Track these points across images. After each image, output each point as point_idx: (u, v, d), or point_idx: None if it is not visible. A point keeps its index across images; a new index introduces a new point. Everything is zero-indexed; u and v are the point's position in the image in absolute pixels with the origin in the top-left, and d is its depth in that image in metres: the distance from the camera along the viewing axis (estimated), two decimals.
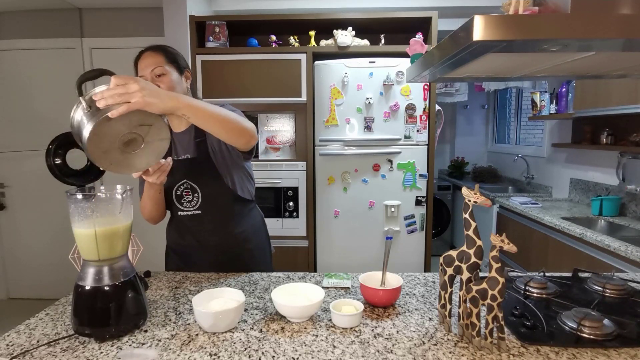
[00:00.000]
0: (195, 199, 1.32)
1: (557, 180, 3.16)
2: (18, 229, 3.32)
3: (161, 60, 1.25)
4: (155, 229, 2.15)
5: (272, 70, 2.66)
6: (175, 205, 1.34)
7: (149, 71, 1.23)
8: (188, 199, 1.33)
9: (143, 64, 1.24)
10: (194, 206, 1.33)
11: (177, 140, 1.35)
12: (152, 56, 1.25)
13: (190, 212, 1.34)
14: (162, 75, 1.24)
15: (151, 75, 1.23)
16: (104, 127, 0.87)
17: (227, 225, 1.37)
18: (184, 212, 1.34)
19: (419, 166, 2.65)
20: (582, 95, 2.42)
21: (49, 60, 3.16)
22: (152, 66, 1.23)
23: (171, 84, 1.25)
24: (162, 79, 1.24)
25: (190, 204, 1.33)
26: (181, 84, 1.29)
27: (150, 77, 1.23)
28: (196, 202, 1.32)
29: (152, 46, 1.29)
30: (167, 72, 1.24)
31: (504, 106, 4.46)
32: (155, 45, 1.30)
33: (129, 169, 0.98)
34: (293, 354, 0.84)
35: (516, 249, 0.81)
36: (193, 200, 1.32)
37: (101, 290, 0.90)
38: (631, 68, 1.05)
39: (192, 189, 1.32)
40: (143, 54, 1.27)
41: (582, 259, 2.00)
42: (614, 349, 0.84)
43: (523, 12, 0.74)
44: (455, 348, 0.85)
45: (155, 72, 1.23)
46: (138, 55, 1.28)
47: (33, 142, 3.15)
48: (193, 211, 1.33)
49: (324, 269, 2.76)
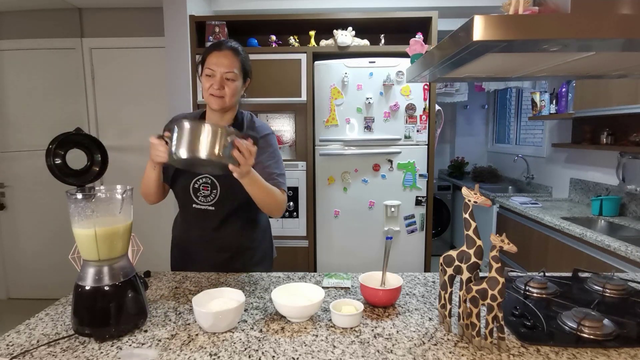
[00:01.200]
0: (213, 195, 1.32)
1: (557, 180, 3.16)
2: (18, 229, 3.32)
3: (237, 66, 1.26)
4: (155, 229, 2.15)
5: (272, 70, 2.66)
6: (191, 197, 1.33)
7: (222, 71, 1.24)
8: (205, 194, 1.32)
9: (219, 61, 1.24)
10: (209, 201, 1.33)
11: None
12: (231, 58, 1.25)
13: (204, 207, 1.34)
14: (231, 81, 1.26)
15: (222, 75, 1.24)
16: (214, 159, 1.02)
17: (236, 224, 1.37)
18: (198, 205, 1.34)
19: (419, 166, 2.65)
20: (582, 95, 2.42)
21: (49, 60, 3.16)
22: (227, 69, 1.24)
23: (235, 90, 1.28)
24: (229, 83, 1.26)
25: (207, 199, 1.33)
26: (240, 91, 1.32)
27: (220, 76, 1.24)
28: (213, 197, 1.32)
29: (232, 46, 1.28)
30: (236, 79, 1.27)
31: (504, 106, 4.46)
32: (236, 47, 1.28)
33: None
34: (293, 354, 0.84)
35: (516, 249, 0.81)
36: (210, 196, 1.32)
37: (101, 290, 0.90)
38: (631, 68, 1.05)
39: (211, 185, 1.32)
40: (222, 50, 1.25)
41: (582, 259, 1.99)
42: (614, 349, 0.84)
43: (523, 12, 0.74)
44: (455, 348, 0.85)
45: (227, 75, 1.24)
46: (216, 45, 1.26)
47: (33, 142, 3.15)
48: (207, 206, 1.34)
49: (324, 269, 2.76)
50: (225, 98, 1.27)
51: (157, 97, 3.12)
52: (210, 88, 1.25)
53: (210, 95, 1.27)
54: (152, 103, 3.14)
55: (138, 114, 3.19)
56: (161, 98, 3.04)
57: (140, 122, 3.19)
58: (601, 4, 0.73)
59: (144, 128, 3.19)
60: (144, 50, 3.13)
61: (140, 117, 3.19)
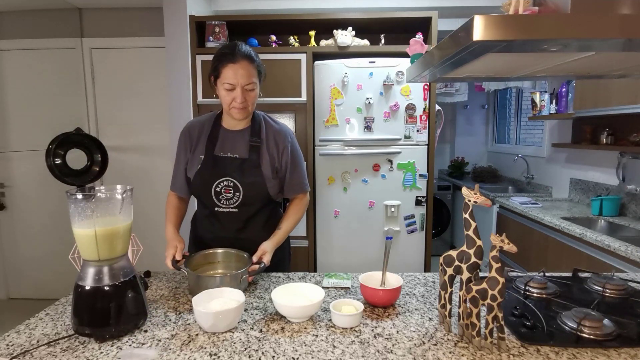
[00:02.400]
0: (236, 197, 1.32)
1: (557, 180, 3.16)
2: (18, 229, 3.31)
3: (254, 74, 1.27)
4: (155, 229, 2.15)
5: (272, 70, 2.65)
6: (214, 200, 1.33)
7: (242, 84, 1.23)
8: (227, 197, 1.32)
9: (238, 72, 1.22)
10: (232, 204, 1.33)
11: (228, 138, 1.36)
12: (248, 68, 1.24)
13: (227, 209, 1.34)
14: (252, 91, 1.27)
15: (242, 88, 1.24)
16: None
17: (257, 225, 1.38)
18: (221, 208, 1.34)
19: (419, 166, 2.65)
20: (582, 95, 2.41)
21: (49, 60, 3.16)
22: (247, 81, 1.24)
23: (255, 98, 1.30)
24: (250, 94, 1.27)
25: (229, 202, 1.33)
26: (258, 95, 1.33)
27: (240, 89, 1.24)
28: (236, 200, 1.32)
29: (248, 55, 1.26)
30: (256, 88, 1.28)
31: (504, 106, 4.46)
32: (250, 55, 1.27)
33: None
34: (293, 354, 0.84)
35: (516, 249, 0.81)
36: (233, 198, 1.32)
37: (101, 290, 0.90)
38: (631, 68, 1.05)
39: (234, 187, 1.31)
40: (239, 61, 1.23)
41: (582, 259, 1.99)
42: (614, 349, 0.84)
43: (523, 12, 0.74)
44: (455, 348, 0.85)
45: (247, 87, 1.25)
46: (229, 56, 1.23)
47: (33, 142, 3.15)
48: (230, 209, 1.34)
49: (324, 269, 2.76)
50: (249, 108, 1.29)
51: (157, 97, 3.12)
52: (233, 102, 1.26)
53: (232, 108, 1.28)
54: (152, 103, 3.14)
55: (138, 114, 3.19)
56: (161, 98, 3.04)
57: (140, 122, 3.19)
58: (601, 4, 0.73)
59: (144, 128, 3.19)
60: (144, 50, 3.13)
61: (140, 117, 3.19)
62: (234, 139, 1.35)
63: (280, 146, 1.36)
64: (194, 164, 1.35)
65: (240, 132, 1.36)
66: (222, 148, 1.35)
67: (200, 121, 1.41)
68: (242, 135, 1.36)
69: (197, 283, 1.12)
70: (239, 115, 1.29)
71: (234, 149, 1.34)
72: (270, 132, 1.38)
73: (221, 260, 1.30)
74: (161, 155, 3.16)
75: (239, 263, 1.26)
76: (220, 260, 1.30)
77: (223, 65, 1.24)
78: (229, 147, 1.35)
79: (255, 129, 1.36)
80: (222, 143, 1.35)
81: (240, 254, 1.27)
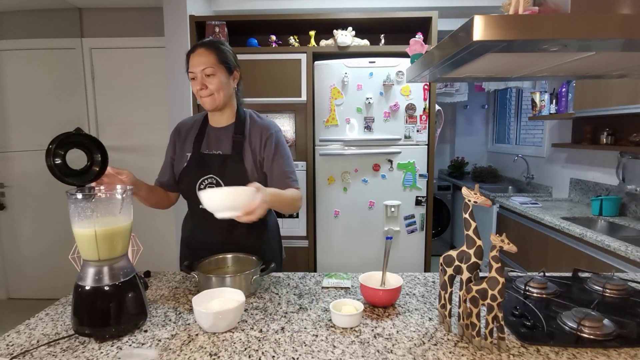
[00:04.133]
0: None
1: (557, 180, 3.16)
2: (18, 229, 3.32)
3: (212, 60, 1.26)
4: (155, 229, 2.15)
5: (272, 70, 2.66)
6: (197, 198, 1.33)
7: (200, 70, 1.25)
8: None
9: (195, 61, 1.26)
10: None
11: (213, 135, 1.36)
12: (204, 55, 1.26)
13: None
14: (212, 76, 1.26)
15: (201, 74, 1.25)
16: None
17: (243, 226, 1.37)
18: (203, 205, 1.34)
19: (419, 166, 2.65)
20: (582, 95, 2.41)
21: (49, 60, 3.16)
22: (203, 66, 1.25)
23: (219, 85, 1.27)
24: (210, 79, 1.26)
25: None
26: (229, 84, 1.31)
27: (200, 75, 1.25)
28: None
29: (205, 42, 1.29)
30: (217, 73, 1.26)
31: (504, 106, 4.46)
32: (209, 42, 1.29)
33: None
34: (293, 354, 0.84)
35: (516, 249, 0.81)
36: None
37: (101, 290, 0.90)
38: (631, 68, 1.05)
39: (217, 184, 1.31)
40: (196, 50, 1.27)
41: (582, 259, 1.99)
42: (614, 349, 0.84)
43: (523, 12, 0.74)
44: (455, 348, 0.85)
45: (205, 72, 1.25)
46: (192, 48, 1.29)
47: (33, 142, 3.15)
48: None
49: (324, 269, 2.76)
50: (215, 95, 1.27)
51: (157, 97, 3.12)
52: (199, 92, 1.27)
53: (201, 98, 1.29)
54: (152, 103, 3.14)
55: (138, 114, 3.19)
56: (161, 98, 3.04)
57: (140, 122, 3.19)
58: (601, 4, 0.73)
59: (144, 128, 3.19)
60: (144, 50, 3.13)
61: (140, 117, 3.19)
62: (219, 136, 1.36)
63: (263, 138, 1.34)
64: (181, 162, 1.36)
65: (225, 129, 1.36)
66: (208, 146, 1.35)
67: (191, 120, 1.44)
68: (227, 132, 1.35)
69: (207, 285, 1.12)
70: (208, 105, 1.29)
71: (219, 146, 1.34)
72: (254, 127, 1.36)
73: (231, 265, 1.29)
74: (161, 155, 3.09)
75: (249, 267, 1.25)
76: (230, 265, 1.29)
77: (187, 60, 1.28)
78: (214, 145, 1.35)
79: (240, 125, 1.35)
80: (208, 141, 1.36)
81: (249, 258, 1.27)
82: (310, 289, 1.19)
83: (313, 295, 1.15)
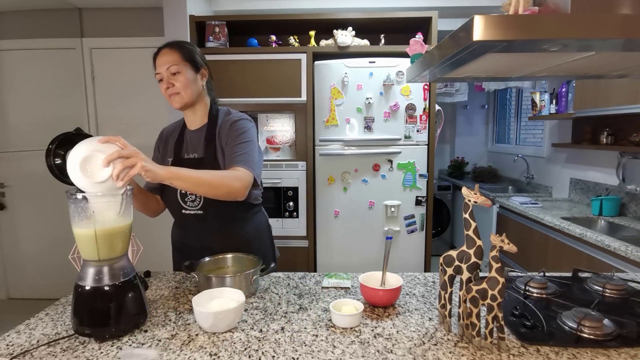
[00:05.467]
0: (199, 199, 1.31)
1: (557, 180, 3.16)
2: (18, 229, 3.32)
3: (177, 59, 1.26)
4: (155, 229, 2.15)
5: (272, 70, 2.66)
6: (180, 203, 1.33)
7: (165, 69, 1.25)
8: (191, 198, 1.32)
9: (160, 61, 1.26)
10: (196, 206, 1.32)
11: (189, 139, 1.36)
12: (168, 54, 1.26)
13: (192, 212, 1.33)
14: (177, 74, 1.26)
15: (167, 73, 1.25)
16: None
17: (230, 227, 1.37)
18: (187, 210, 1.34)
19: (419, 166, 2.65)
20: (582, 95, 2.41)
21: (49, 60, 3.16)
22: (168, 64, 1.25)
23: (186, 83, 1.27)
24: (176, 77, 1.26)
25: (194, 204, 1.32)
26: (196, 82, 1.30)
27: (166, 75, 1.25)
28: (199, 201, 1.32)
29: (169, 43, 1.30)
30: (182, 71, 1.26)
31: (504, 106, 4.46)
32: (172, 42, 1.30)
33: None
34: (293, 354, 0.84)
35: (516, 249, 0.81)
36: (196, 200, 1.32)
37: (101, 290, 0.90)
38: (631, 68, 1.05)
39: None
40: (160, 51, 1.28)
41: (582, 259, 1.99)
42: (614, 349, 0.84)
43: (523, 12, 0.74)
44: (455, 348, 0.85)
45: (170, 70, 1.25)
46: (157, 51, 1.29)
47: (33, 142, 3.15)
48: (195, 211, 1.33)
49: (324, 269, 2.76)
50: (181, 93, 1.27)
51: (157, 97, 3.10)
52: (166, 90, 1.28)
53: (168, 97, 1.29)
54: (152, 103, 3.14)
55: (138, 113, 3.19)
56: (161, 98, 3.00)
57: (140, 121, 3.19)
58: (601, 4, 0.73)
59: (144, 128, 3.19)
60: (144, 50, 3.12)
61: (140, 116, 3.19)
62: (194, 139, 1.35)
63: (228, 129, 1.31)
64: None
65: (199, 131, 1.35)
66: (187, 149, 1.35)
67: (173, 125, 1.44)
68: (201, 133, 1.35)
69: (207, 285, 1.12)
70: (176, 103, 1.29)
71: (195, 149, 1.34)
72: (224, 124, 1.33)
73: (231, 265, 1.29)
74: None
75: (249, 267, 1.25)
76: (230, 265, 1.29)
77: (154, 60, 1.28)
78: (191, 148, 1.35)
79: (211, 125, 1.34)
80: (187, 144, 1.36)
81: (249, 258, 1.26)
82: (310, 289, 1.19)
83: (313, 295, 1.15)
